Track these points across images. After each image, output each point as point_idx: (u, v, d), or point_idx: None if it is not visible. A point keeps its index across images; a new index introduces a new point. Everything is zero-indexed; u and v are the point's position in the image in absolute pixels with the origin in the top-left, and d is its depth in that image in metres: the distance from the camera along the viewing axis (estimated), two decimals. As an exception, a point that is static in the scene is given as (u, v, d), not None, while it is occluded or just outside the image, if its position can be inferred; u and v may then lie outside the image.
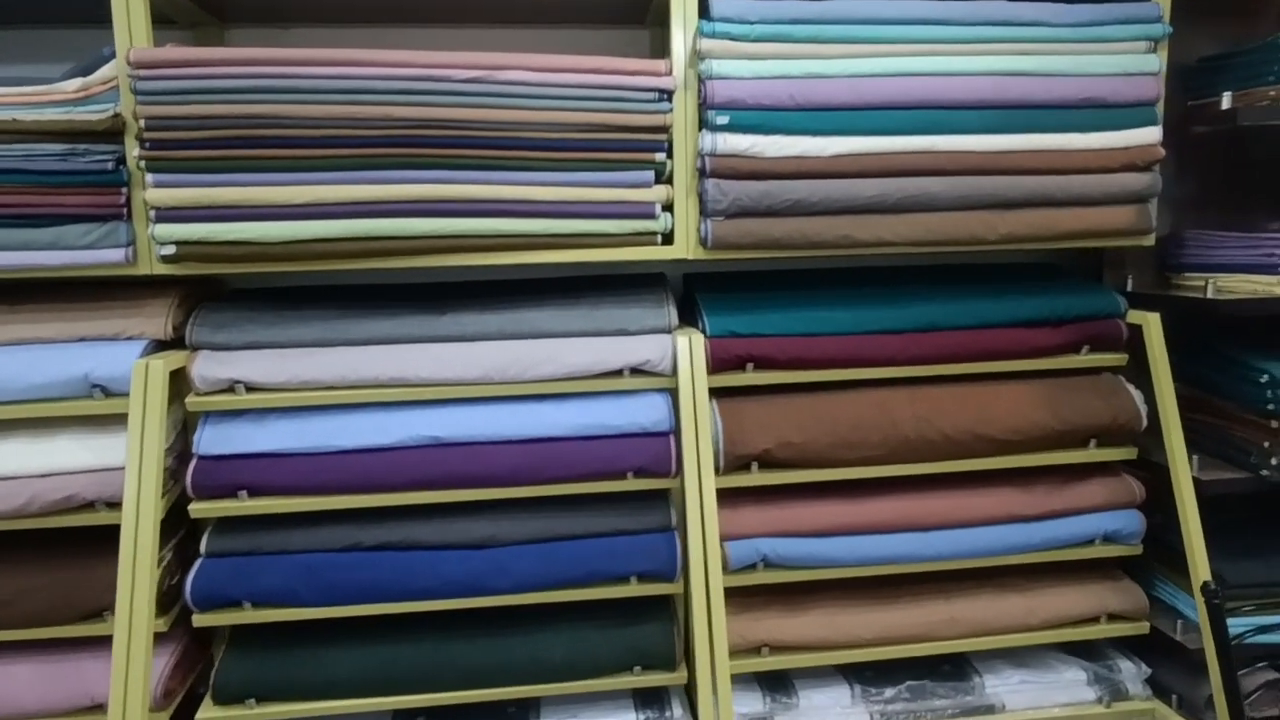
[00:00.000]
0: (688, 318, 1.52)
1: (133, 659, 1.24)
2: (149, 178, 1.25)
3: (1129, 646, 1.58)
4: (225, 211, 1.27)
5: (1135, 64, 1.43)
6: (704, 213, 1.38)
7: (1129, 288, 1.62)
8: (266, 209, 1.27)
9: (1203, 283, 1.47)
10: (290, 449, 1.37)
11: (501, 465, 1.39)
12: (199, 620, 1.37)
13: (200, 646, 1.50)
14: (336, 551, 1.39)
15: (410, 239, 1.31)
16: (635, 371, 1.42)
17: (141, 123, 1.23)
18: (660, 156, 1.36)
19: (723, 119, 1.33)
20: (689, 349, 1.39)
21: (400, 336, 1.40)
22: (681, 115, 1.36)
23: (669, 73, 1.35)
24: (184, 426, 1.43)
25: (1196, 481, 1.43)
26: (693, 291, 1.56)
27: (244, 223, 1.28)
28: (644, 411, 1.42)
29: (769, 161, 1.35)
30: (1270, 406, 1.40)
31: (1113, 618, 1.53)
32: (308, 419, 1.38)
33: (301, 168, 1.28)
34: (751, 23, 1.32)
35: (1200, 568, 1.36)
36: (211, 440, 1.37)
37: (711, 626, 1.33)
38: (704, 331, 1.44)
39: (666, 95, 1.35)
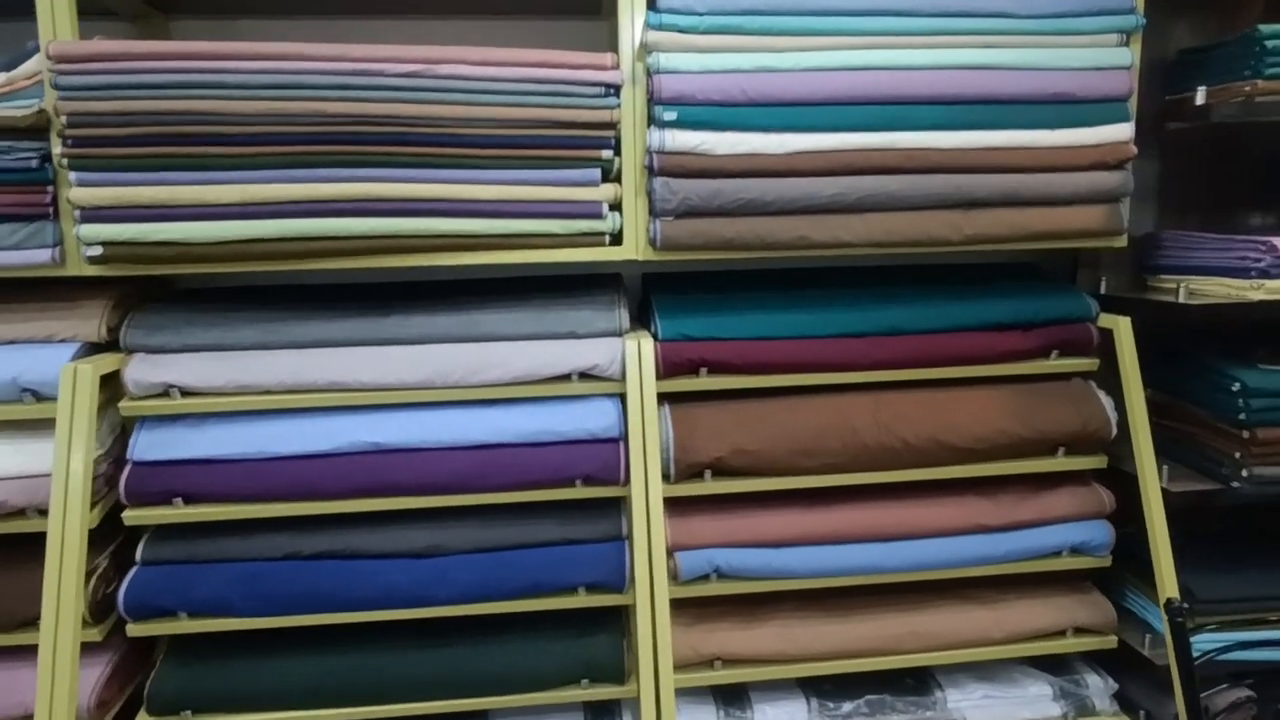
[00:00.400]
0: (645, 320, 1.48)
1: (59, 669, 1.21)
2: (72, 176, 1.21)
3: (1097, 660, 1.54)
4: (153, 211, 1.23)
5: (1107, 58, 1.37)
6: (653, 212, 1.33)
7: (1103, 290, 1.56)
8: (196, 209, 1.23)
9: (1175, 285, 1.41)
10: (227, 455, 1.33)
11: (445, 472, 1.35)
12: (134, 630, 1.34)
13: (141, 655, 1.46)
14: (275, 560, 1.35)
15: (346, 239, 1.27)
16: (584, 376, 1.37)
17: (63, 119, 1.19)
18: (607, 154, 1.31)
19: (670, 115, 1.28)
20: (637, 354, 1.34)
21: (342, 339, 1.36)
22: (630, 111, 1.31)
23: (616, 66, 1.30)
24: (122, 431, 1.39)
25: (1166, 493, 1.38)
26: (649, 292, 1.51)
27: (173, 223, 1.23)
28: (593, 417, 1.37)
29: (720, 159, 1.30)
30: (1242, 416, 1.34)
31: (1080, 631, 1.48)
32: (246, 424, 1.34)
33: (232, 166, 1.24)
34: (700, 14, 1.26)
35: (1167, 583, 1.31)
36: (147, 445, 1.33)
37: (656, 639, 1.28)
38: (656, 335, 1.39)
39: (613, 90, 1.30)
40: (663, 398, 1.41)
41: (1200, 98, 1.41)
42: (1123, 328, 1.41)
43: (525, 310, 1.40)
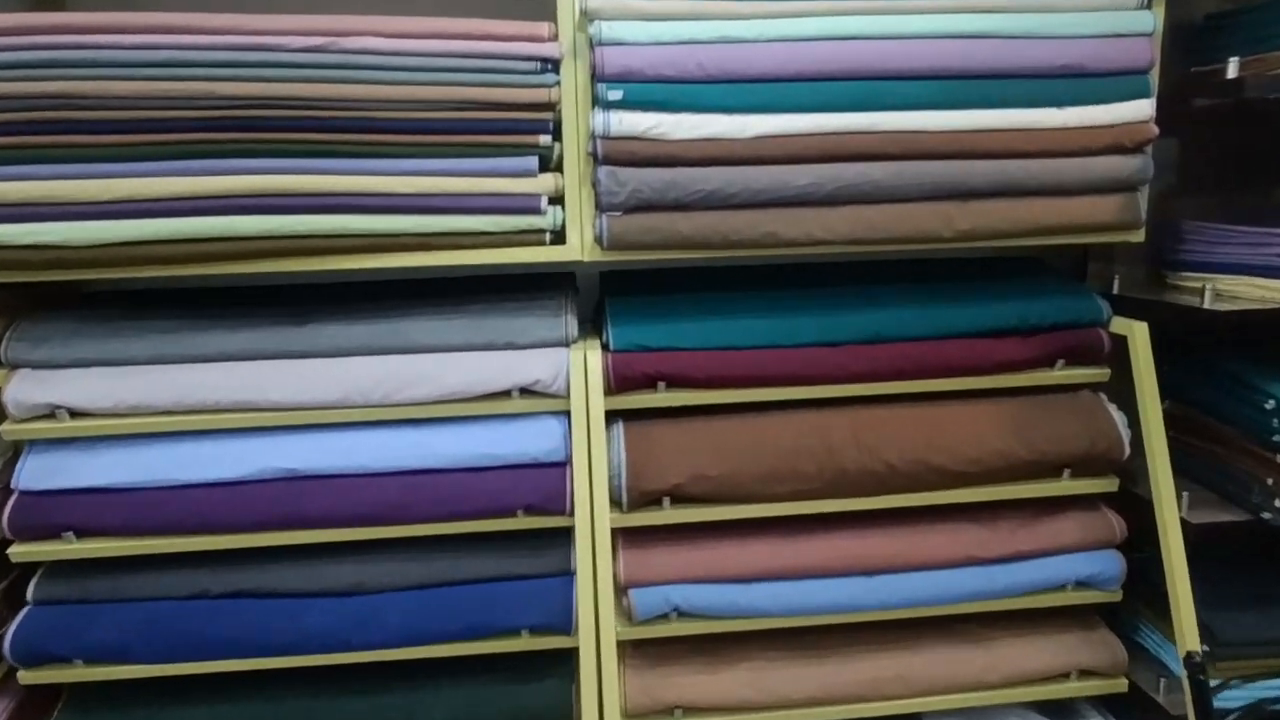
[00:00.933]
0: (601, 324, 1.32)
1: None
2: (-76, 171, 1.06)
3: (1105, 705, 1.38)
4: (22, 210, 1.08)
5: (1125, 23, 1.19)
6: (599, 207, 1.16)
7: (1115, 289, 1.39)
8: (69, 207, 1.07)
9: (1200, 286, 1.24)
10: (124, 483, 1.18)
11: (369, 501, 1.20)
12: (25, 678, 1.20)
13: (49, 701, 1.33)
14: (180, 600, 1.21)
15: (243, 241, 1.11)
16: (525, 392, 1.21)
17: (-94, 106, 1.04)
18: (545, 139, 1.14)
19: (616, 93, 1.11)
20: (583, 366, 1.19)
21: (250, 351, 1.21)
22: (571, 89, 1.14)
23: (553, 37, 1.12)
24: (14, 455, 1.25)
25: (1186, 524, 1.22)
26: (606, 293, 1.35)
27: (44, 224, 1.08)
28: (535, 439, 1.22)
29: (675, 144, 1.13)
30: (1277, 438, 1.18)
31: (1085, 674, 1.32)
32: (143, 449, 1.19)
33: (110, 157, 1.07)
34: (650, -25, 1.09)
35: (1187, 632, 1.15)
36: (34, 473, 1.19)
37: (601, 688, 1.14)
38: (607, 344, 1.23)
39: (551, 65, 1.13)
40: (617, 415, 1.25)
41: (1232, 70, 1.22)
42: (1138, 334, 1.24)
43: (459, 317, 1.24)
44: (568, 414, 1.21)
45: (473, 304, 1.27)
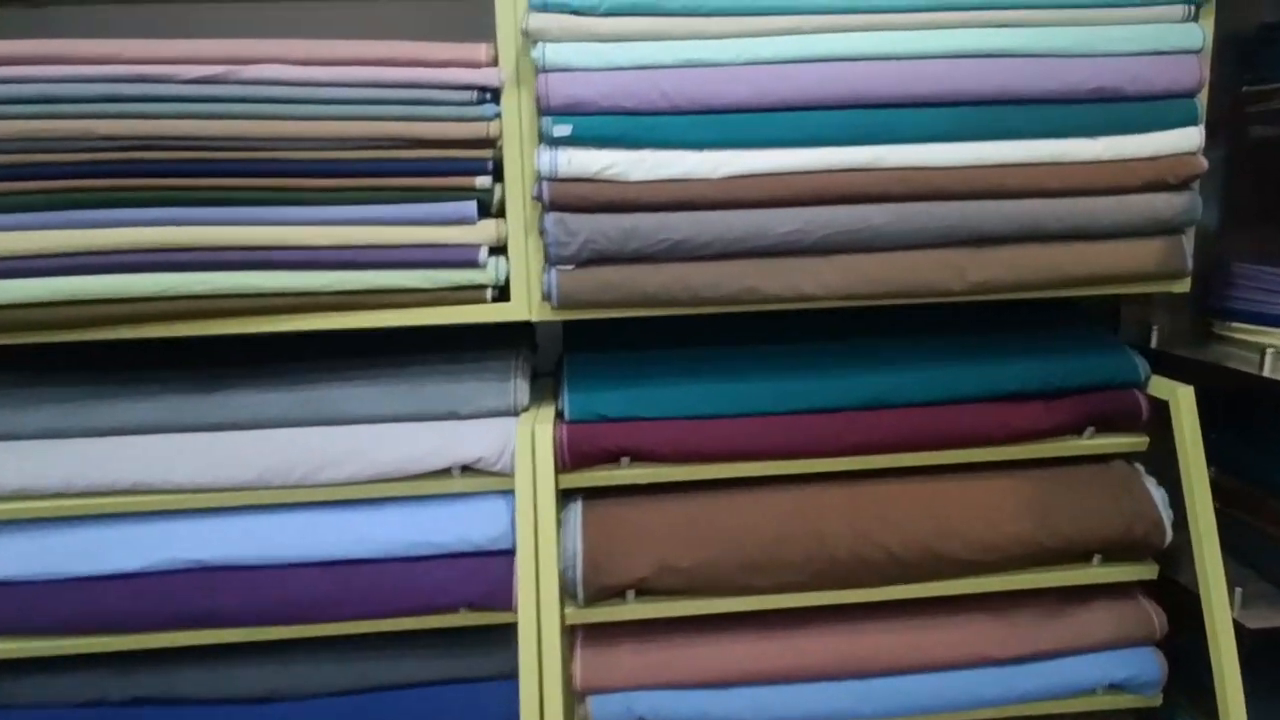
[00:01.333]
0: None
1: None
2: None
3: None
4: (-126, 269, 0.93)
5: (1169, 38, 1.01)
6: (548, 259, 1.00)
7: (1154, 342, 1.21)
8: (-74, 266, 0.93)
9: (1257, 346, 1.06)
10: (10, 577, 1.04)
11: (289, 597, 1.04)
12: (-98, 794, 1.07)
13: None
14: (77, 707, 1.06)
15: (132, 302, 0.95)
16: (468, 470, 1.06)
17: None
18: (484, 181, 0.98)
19: (564, 128, 0.94)
20: (530, 442, 1.02)
21: (154, 424, 1.05)
22: (515, 123, 0.98)
23: (493, 62, 0.96)
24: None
25: (1239, 626, 1.04)
26: (566, 347, 1.19)
27: (-101, 285, 0.93)
28: (479, 524, 1.05)
29: (635, 186, 0.96)
30: (1351, 530, 1.00)
31: (1119, 789, 1.16)
32: (32, 537, 1.04)
33: (-27, 208, 0.93)
34: (602, -12, 0.93)
35: (1242, 763, 0.97)
36: (-93, 562, 1.05)
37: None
38: (562, 414, 1.07)
39: (491, 94, 0.97)
40: (576, 494, 1.09)
41: (1295, 90, 1.05)
42: (1183, 400, 1.06)
43: (392, 382, 1.08)
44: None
45: (410, 365, 1.11)
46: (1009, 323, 1.21)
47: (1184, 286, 1.09)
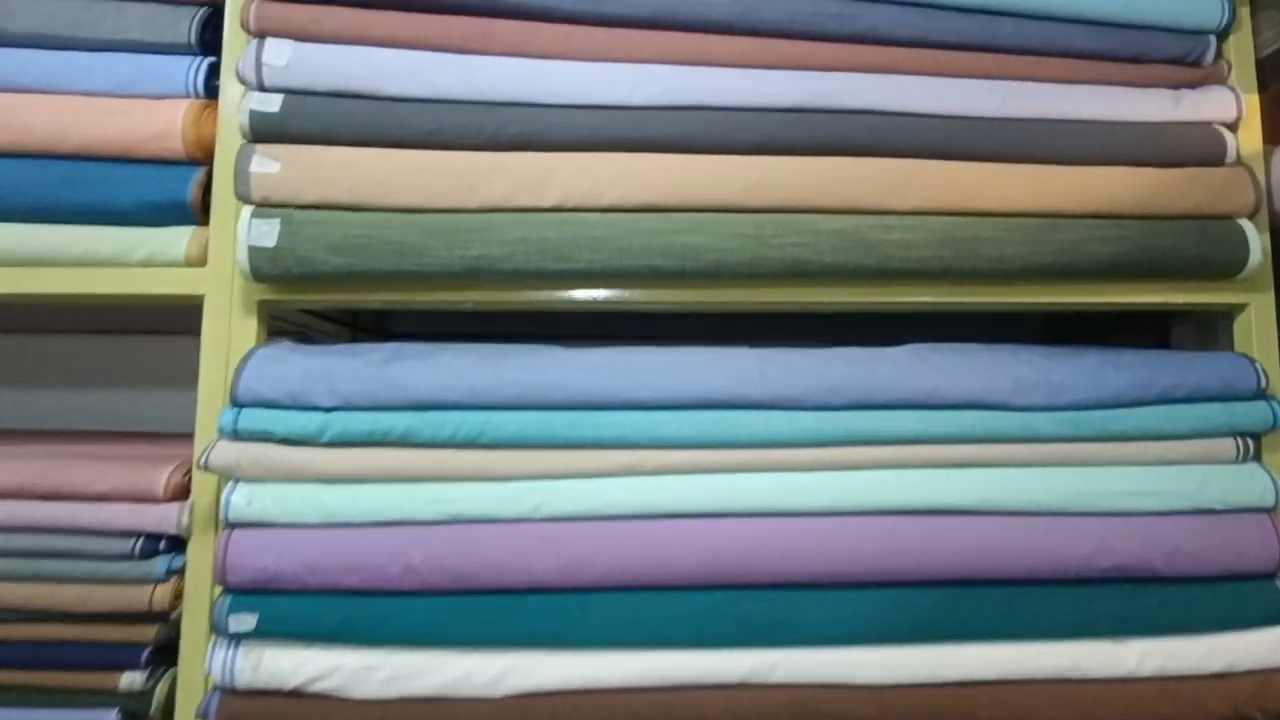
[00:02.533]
0: None
1: None
2: None
3: None
4: None
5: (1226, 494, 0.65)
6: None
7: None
8: None
9: None
10: None
11: None
12: None
13: None
14: None
15: None
16: None
17: None
18: (131, 680, 0.62)
19: (246, 619, 0.59)
20: None
21: None
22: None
23: (169, 498, 0.63)
24: None
25: None
26: None
27: None
28: None
29: (361, 709, 0.60)
30: None
31: None
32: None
33: None
34: (325, 409, 0.61)
35: None
36: None
37: None
38: None
39: (164, 547, 0.64)
40: None
41: None
42: None
43: None
44: None
45: None
46: None
47: None
